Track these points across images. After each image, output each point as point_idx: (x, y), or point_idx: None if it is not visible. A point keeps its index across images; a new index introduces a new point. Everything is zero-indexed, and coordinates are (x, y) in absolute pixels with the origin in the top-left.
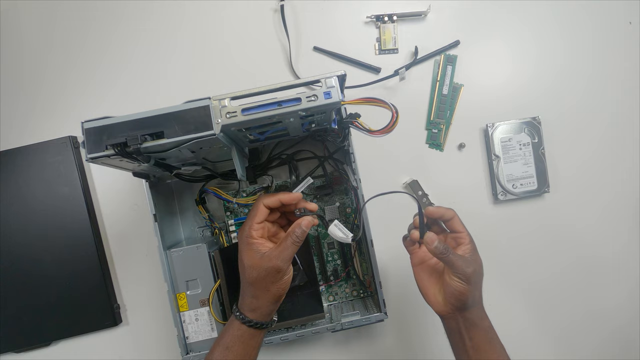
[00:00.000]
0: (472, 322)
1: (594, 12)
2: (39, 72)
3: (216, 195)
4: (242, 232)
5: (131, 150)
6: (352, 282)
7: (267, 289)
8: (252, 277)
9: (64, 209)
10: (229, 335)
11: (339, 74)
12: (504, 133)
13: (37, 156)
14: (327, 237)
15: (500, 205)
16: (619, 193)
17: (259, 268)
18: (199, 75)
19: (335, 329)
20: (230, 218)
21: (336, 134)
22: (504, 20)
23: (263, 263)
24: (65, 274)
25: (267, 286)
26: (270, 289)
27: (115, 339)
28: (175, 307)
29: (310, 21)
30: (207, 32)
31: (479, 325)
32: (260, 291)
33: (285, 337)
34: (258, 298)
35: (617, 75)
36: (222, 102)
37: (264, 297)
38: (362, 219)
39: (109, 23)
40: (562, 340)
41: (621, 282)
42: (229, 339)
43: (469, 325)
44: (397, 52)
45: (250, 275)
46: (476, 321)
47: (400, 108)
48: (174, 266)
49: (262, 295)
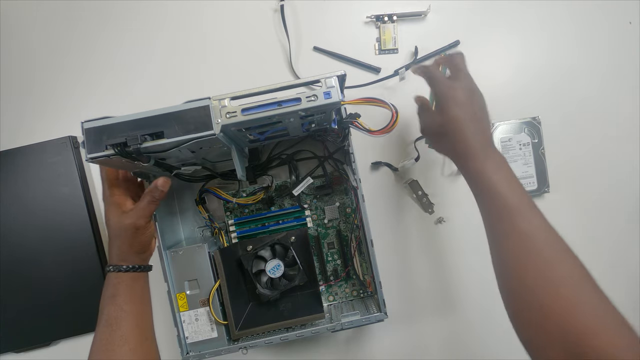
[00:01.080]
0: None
1: (593, 12)
2: (39, 72)
3: (216, 195)
4: (103, 192)
5: (131, 150)
6: (352, 282)
7: (130, 244)
8: (114, 232)
9: (64, 209)
10: (109, 288)
11: (339, 74)
12: (504, 133)
13: (37, 156)
14: (327, 237)
15: None
16: (619, 193)
17: (119, 225)
18: (199, 75)
19: (335, 329)
20: (230, 218)
21: (336, 134)
22: (504, 20)
23: (123, 220)
24: (65, 273)
25: (130, 241)
26: (132, 244)
27: None
28: (175, 307)
29: (310, 21)
30: (208, 32)
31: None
32: (124, 245)
33: (285, 337)
34: (123, 251)
35: (617, 75)
36: (222, 102)
37: (129, 250)
38: (363, 219)
39: (109, 23)
40: None
41: (621, 282)
42: (110, 290)
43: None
44: (397, 52)
45: (113, 231)
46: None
47: (400, 108)
48: (174, 266)
49: (126, 248)
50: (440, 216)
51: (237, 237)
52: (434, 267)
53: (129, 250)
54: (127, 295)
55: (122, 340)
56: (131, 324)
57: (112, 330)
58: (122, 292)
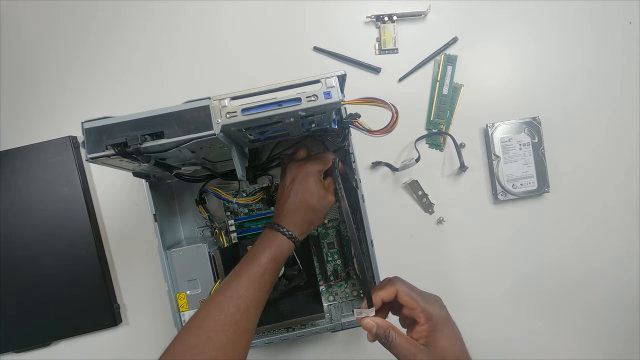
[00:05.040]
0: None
1: (594, 12)
2: (39, 72)
3: (216, 195)
4: (315, 169)
5: (131, 150)
6: (352, 282)
7: (320, 217)
8: (320, 205)
9: (64, 209)
10: (276, 247)
11: (339, 74)
12: (504, 133)
13: (37, 156)
14: (327, 237)
15: (500, 205)
16: (619, 193)
17: (325, 200)
18: (199, 75)
19: (335, 329)
20: (230, 218)
21: (336, 134)
22: (504, 20)
23: (328, 196)
24: (65, 273)
25: (322, 215)
26: (321, 218)
27: (115, 339)
28: (175, 307)
29: (310, 21)
30: (207, 32)
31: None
32: (316, 219)
33: (285, 337)
34: (313, 223)
35: (617, 75)
36: (222, 102)
37: (315, 223)
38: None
39: (110, 23)
40: (562, 340)
41: (621, 281)
42: (277, 250)
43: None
44: (397, 52)
45: (319, 203)
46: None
47: (400, 108)
48: (174, 266)
49: (316, 221)
50: (441, 216)
51: (237, 237)
52: (434, 267)
53: (316, 222)
54: (279, 266)
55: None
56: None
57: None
58: (279, 261)
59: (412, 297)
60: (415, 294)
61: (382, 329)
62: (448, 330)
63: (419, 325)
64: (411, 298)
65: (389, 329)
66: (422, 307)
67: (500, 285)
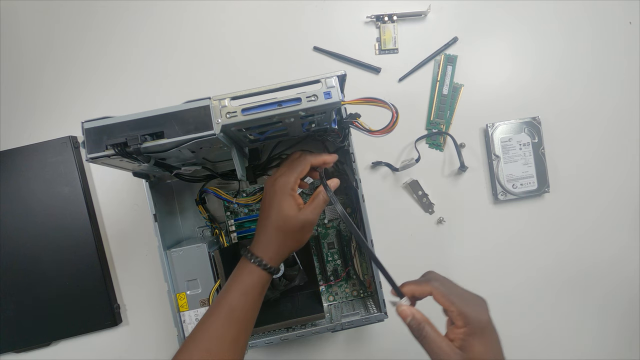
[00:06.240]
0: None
1: (594, 12)
2: (39, 72)
3: (216, 195)
4: (282, 183)
5: (131, 150)
6: (352, 282)
7: (296, 239)
8: (287, 226)
9: (64, 209)
10: (245, 279)
11: (339, 74)
12: (504, 133)
13: (37, 156)
14: (327, 237)
15: (500, 205)
16: (619, 193)
17: (296, 219)
18: (199, 75)
19: (335, 329)
20: (230, 218)
21: (336, 134)
22: (504, 20)
23: (301, 215)
24: (65, 273)
25: (298, 237)
26: (299, 239)
27: (115, 339)
28: (175, 307)
29: (310, 21)
30: (207, 32)
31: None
32: (290, 240)
33: (285, 337)
34: (285, 246)
35: (617, 75)
36: (222, 102)
37: (290, 246)
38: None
39: (109, 23)
40: (562, 340)
41: (621, 281)
42: (246, 283)
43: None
44: (397, 52)
45: (286, 224)
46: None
47: (400, 108)
48: (174, 266)
49: (290, 244)
50: (441, 216)
51: (237, 237)
52: (434, 267)
53: (290, 246)
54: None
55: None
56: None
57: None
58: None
59: (449, 299)
60: (454, 295)
61: (417, 321)
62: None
63: (455, 327)
64: (447, 300)
65: (425, 322)
66: (459, 310)
67: (500, 285)
